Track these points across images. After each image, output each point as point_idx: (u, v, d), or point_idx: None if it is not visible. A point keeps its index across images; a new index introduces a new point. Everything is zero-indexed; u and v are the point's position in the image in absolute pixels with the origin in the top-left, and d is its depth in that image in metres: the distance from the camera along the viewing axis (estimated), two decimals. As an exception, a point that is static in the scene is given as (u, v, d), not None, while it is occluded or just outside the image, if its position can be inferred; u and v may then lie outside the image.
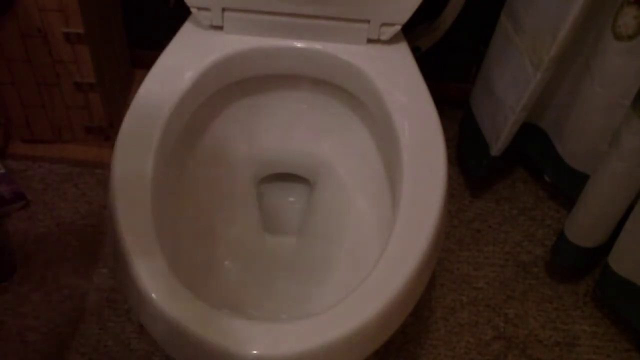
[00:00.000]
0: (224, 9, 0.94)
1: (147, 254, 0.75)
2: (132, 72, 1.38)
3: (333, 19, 0.94)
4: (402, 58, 0.97)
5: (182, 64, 0.92)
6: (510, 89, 1.10)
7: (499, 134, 1.15)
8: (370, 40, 0.96)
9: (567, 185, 1.23)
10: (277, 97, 1.04)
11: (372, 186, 1.01)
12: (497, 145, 1.17)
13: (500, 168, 1.33)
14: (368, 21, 0.94)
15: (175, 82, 0.90)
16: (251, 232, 1.01)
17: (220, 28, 0.96)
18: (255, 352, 0.69)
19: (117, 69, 1.28)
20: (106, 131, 1.25)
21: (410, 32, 1.14)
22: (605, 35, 0.99)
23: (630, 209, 1.05)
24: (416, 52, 1.19)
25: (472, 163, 1.28)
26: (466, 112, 1.29)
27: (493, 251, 1.26)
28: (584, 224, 1.10)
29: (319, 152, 1.06)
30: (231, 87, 0.99)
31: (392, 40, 0.97)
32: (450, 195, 1.30)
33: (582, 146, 1.15)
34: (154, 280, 0.73)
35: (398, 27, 0.96)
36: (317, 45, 0.95)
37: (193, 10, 0.95)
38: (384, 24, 0.95)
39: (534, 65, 1.03)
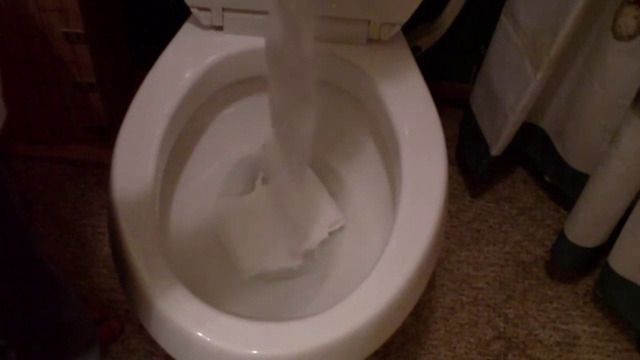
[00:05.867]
0: (224, 9, 0.94)
1: (147, 254, 0.75)
2: (132, 72, 1.37)
3: (333, 19, 0.94)
4: (402, 58, 0.97)
5: (182, 64, 0.93)
6: (510, 89, 1.10)
7: (499, 134, 1.15)
8: (370, 40, 0.96)
9: (567, 185, 1.23)
10: (277, 97, 1.04)
11: (372, 186, 1.01)
12: (497, 145, 1.17)
13: (500, 168, 1.33)
14: (368, 21, 0.94)
15: (175, 82, 0.90)
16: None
17: (220, 28, 0.96)
18: (255, 352, 0.69)
19: (117, 69, 1.28)
20: (106, 131, 1.25)
21: (410, 32, 1.14)
22: (605, 35, 0.99)
23: (630, 209, 1.05)
24: (416, 52, 1.19)
25: (472, 163, 1.28)
26: (466, 112, 1.29)
27: (493, 251, 1.26)
28: (584, 224, 1.10)
29: (318, 151, 1.06)
30: (231, 87, 0.99)
31: (392, 40, 0.97)
32: (450, 195, 1.30)
33: (582, 146, 1.15)
34: (154, 281, 0.73)
35: (398, 27, 0.96)
36: (317, 45, 0.95)
37: (193, 10, 0.95)
38: (384, 24, 0.95)
39: (534, 66, 1.03)
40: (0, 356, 0.68)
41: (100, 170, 1.28)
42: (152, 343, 0.83)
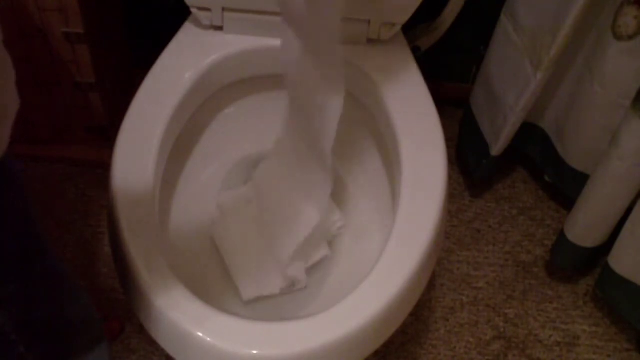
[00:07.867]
0: (224, 9, 0.94)
1: (147, 254, 0.75)
2: (132, 72, 1.37)
3: (333, 19, 0.94)
4: (402, 58, 0.97)
5: (182, 64, 0.93)
6: (510, 89, 1.10)
7: (499, 134, 1.15)
8: (370, 40, 0.96)
9: (567, 185, 1.23)
10: (277, 97, 1.04)
11: (372, 186, 1.01)
12: (497, 145, 1.17)
13: (500, 168, 1.33)
14: (368, 21, 0.94)
15: (175, 82, 0.90)
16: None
17: (220, 28, 0.96)
18: (255, 352, 0.69)
19: (117, 69, 1.28)
20: (106, 131, 1.25)
21: (410, 32, 1.14)
22: (605, 35, 0.99)
23: (630, 209, 1.05)
24: (416, 52, 1.19)
25: (472, 163, 1.28)
26: (466, 112, 1.29)
27: (493, 251, 1.26)
28: (584, 224, 1.10)
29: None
30: (231, 87, 0.99)
31: (392, 40, 0.97)
32: (450, 195, 1.30)
33: (582, 146, 1.15)
34: (154, 281, 0.73)
35: (398, 27, 0.96)
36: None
37: (193, 10, 0.95)
38: (384, 24, 0.95)
39: (534, 66, 1.03)
40: (10, 350, 0.68)
41: (100, 170, 1.28)
42: (152, 343, 0.83)
